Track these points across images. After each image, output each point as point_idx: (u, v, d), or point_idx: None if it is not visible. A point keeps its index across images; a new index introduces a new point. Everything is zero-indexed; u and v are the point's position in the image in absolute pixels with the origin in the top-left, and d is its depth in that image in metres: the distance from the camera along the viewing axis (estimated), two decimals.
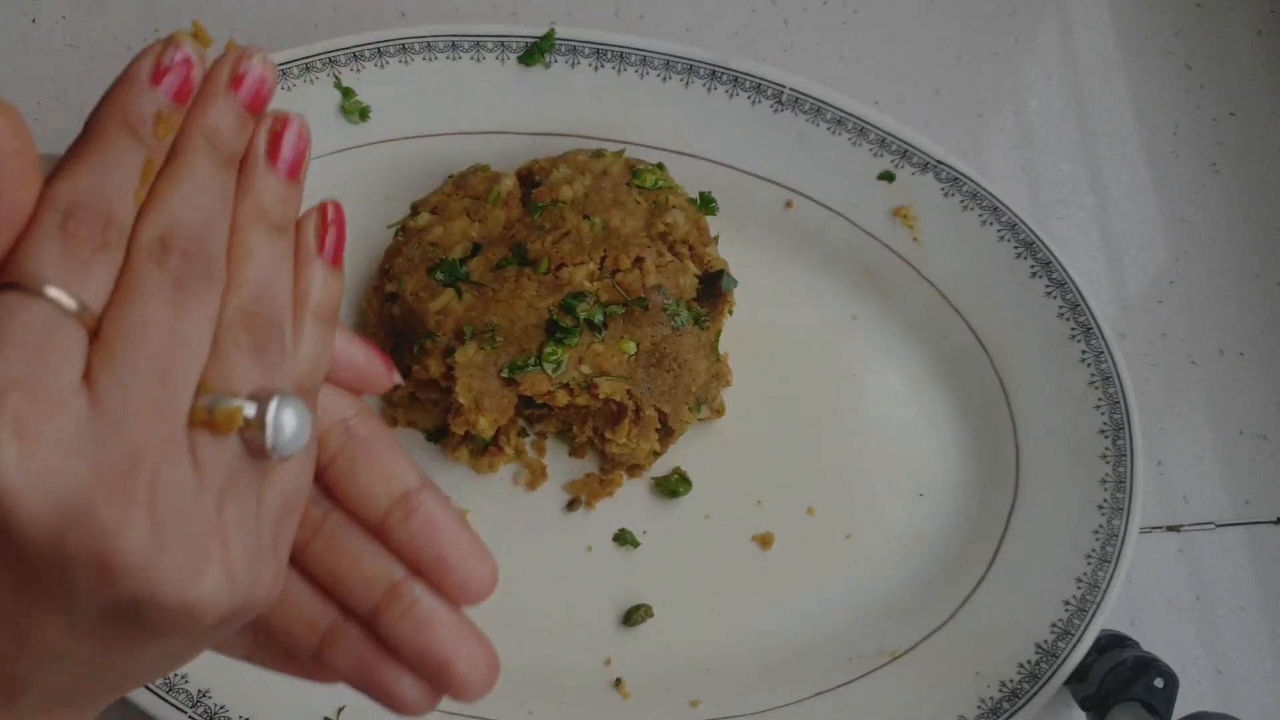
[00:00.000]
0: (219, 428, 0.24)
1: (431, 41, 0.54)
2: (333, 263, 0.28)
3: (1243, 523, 0.58)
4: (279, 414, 0.25)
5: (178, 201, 0.25)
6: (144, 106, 0.25)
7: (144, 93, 0.25)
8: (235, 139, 0.26)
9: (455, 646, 0.28)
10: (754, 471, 0.55)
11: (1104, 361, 0.54)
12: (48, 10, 0.59)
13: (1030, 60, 0.63)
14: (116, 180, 0.24)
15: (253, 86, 0.26)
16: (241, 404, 0.24)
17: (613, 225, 0.52)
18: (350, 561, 0.28)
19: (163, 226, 0.25)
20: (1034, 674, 0.51)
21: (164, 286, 0.24)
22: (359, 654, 0.28)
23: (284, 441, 0.25)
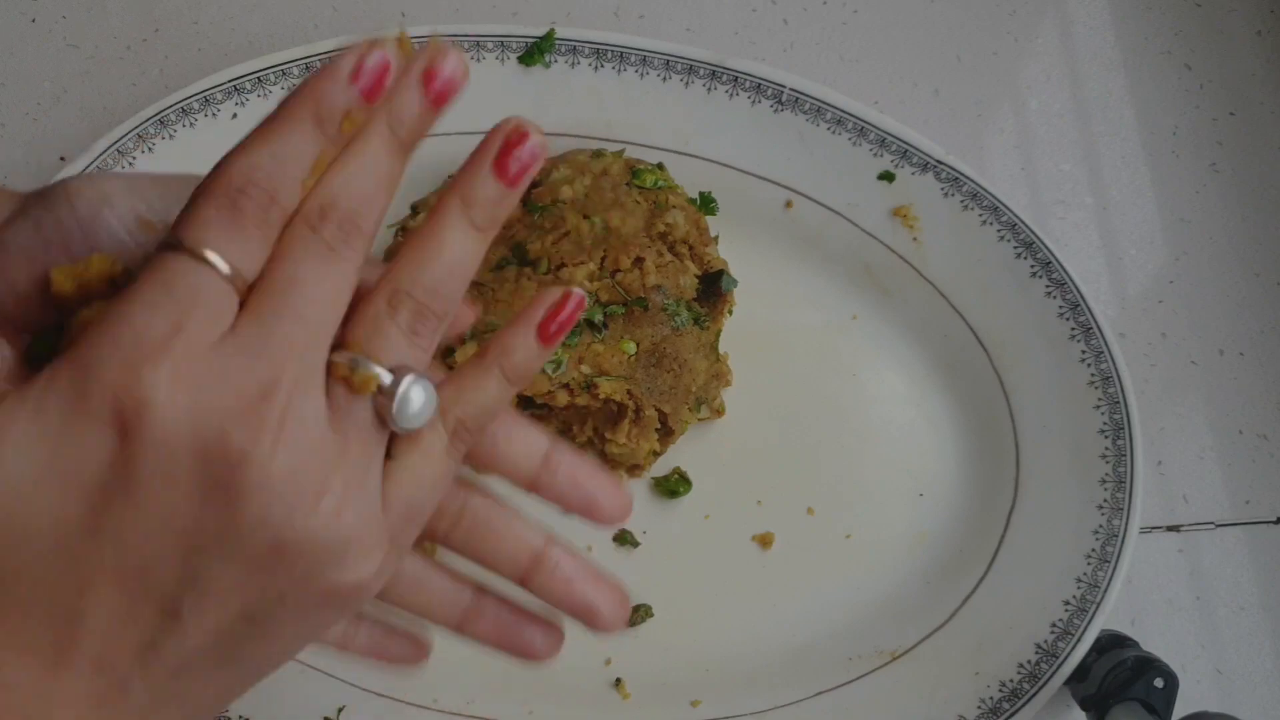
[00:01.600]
0: (355, 386, 0.27)
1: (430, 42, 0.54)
2: (544, 341, 0.30)
3: (1243, 522, 0.58)
4: (409, 388, 0.27)
5: (344, 177, 0.27)
6: (336, 100, 0.26)
7: (340, 86, 0.27)
8: (415, 128, 0.28)
9: (596, 594, 0.33)
10: (754, 471, 0.55)
11: (1104, 361, 0.54)
12: (47, 9, 0.59)
13: (1030, 60, 0.63)
14: (290, 166, 0.26)
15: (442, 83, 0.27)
16: (380, 371, 0.27)
17: (613, 225, 0.52)
18: (494, 542, 0.32)
19: (324, 199, 0.27)
20: (1034, 674, 0.51)
21: (314, 247, 0.26)
22: (497, 622, 0.33)
23: (408, 415, 0.27)
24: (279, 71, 0.53)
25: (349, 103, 0.27)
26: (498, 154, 0.28)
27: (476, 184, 0.28)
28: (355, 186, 0.27)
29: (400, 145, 0.28)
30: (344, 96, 0.27)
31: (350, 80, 0.27)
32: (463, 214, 0.28)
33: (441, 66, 0.28)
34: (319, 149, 0.27)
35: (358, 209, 0.27)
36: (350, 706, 0.50)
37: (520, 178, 0.28)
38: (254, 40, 0.59)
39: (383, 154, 0.27)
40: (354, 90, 0.27)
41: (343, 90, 0.27)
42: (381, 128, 0.27)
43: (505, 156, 0.28)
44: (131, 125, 0.51)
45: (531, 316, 0.30)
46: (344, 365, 0.27)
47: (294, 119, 0.27)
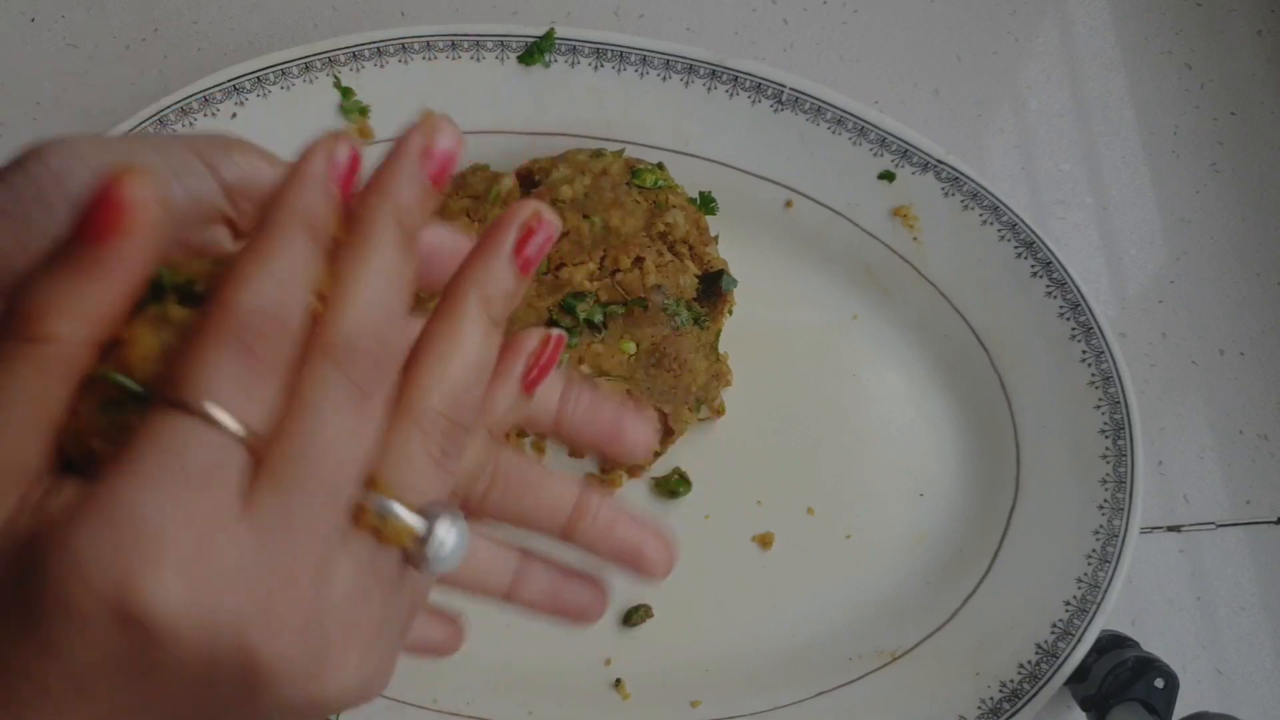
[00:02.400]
0: (386, 539, 0.24)
1: (431, 41, 0.54)
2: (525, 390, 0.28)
3: (1243, 523, 0.58)
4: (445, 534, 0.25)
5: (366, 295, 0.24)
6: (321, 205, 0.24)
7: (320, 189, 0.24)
8: (421, 215, 0.25)
9: (640, 537, 0.31)
10: (754, 471, 0.55)
11: (1104, 361, 0.54)
12: (47, 9, 0.59)
13: (1030, 60, 0.63)
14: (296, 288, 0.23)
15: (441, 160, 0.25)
16: (414, 522, 0.25)
17: (612, 225, 0.52)
18: (532, 496, 0.30)
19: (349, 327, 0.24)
20: (1034, 674, 0.51)
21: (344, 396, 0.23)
22: (548, 584, 0.32)
23: (443, 560, 0.25)
24: (278, 71, 0.53)
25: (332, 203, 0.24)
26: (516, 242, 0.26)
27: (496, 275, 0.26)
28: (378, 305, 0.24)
29: (409, 239, 0.25)
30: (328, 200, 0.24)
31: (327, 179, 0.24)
32: (481, 310, 0.26)
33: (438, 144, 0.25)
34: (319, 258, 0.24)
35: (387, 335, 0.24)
36: None
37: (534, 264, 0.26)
38: (254, 40, 0.59)
39: (397, 257, 0.25)
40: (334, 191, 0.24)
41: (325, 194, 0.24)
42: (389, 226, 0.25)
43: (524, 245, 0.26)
44: (131, 125, 0.51)
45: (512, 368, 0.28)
46: (373, 514, 0.24)
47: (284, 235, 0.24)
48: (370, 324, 0.24)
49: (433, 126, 0.25)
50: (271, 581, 0.22)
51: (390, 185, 0.25)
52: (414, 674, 0.51)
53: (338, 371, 0.23)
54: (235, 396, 0.22)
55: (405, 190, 0.25)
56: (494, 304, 0.26)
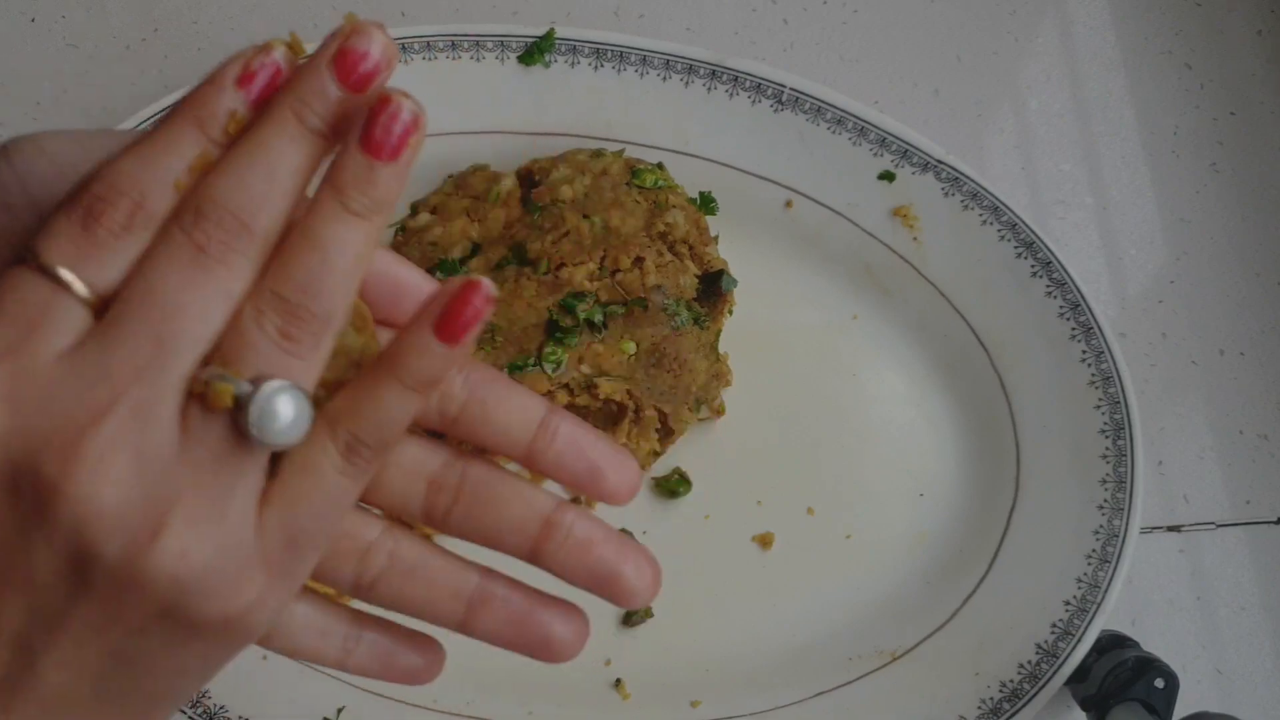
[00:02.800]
0: (210, 403, 0.24)
1: (431, 41, 0.54)
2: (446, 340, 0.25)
3: (1243, 523, 0.58)
4: (272, 399, 0.24)
5: (229, 173, 0.24)
6: (218, 103, 0.24)
7: (223, 92, 0.24)
8: (324, 115, 0.24)
9: (619, 558, 0.28)
10: (754, 471, 0.55)
11: (1104, 361, 0.54)
12: (47, 9, 0.59)
13: (1030, 60, 0.63)
14: (160, 168, 0.24)
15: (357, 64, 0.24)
16: (234, 383, 0.24)
17: (612, 225, 0.52)
18: (497, 512, 0.28)
19: (201, 195, 0.24)
20: (1034, 674, 0.51)
21: (182, 253, 0.24)
22: (509, 610, 0.29)
23: (273, 430, 0.24)
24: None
25: (233, 105, 0.24)
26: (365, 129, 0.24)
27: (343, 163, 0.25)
28: (243, 180, 0.24)
29: (308, 133, 0.24)
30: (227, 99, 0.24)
31: (236, 85, 0.24)
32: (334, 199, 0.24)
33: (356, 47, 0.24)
34: (196, 149, 0.24)
35: (245, 205, 0.24)
36: (349, 707, 0.50)
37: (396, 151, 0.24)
38: (253, 40, 0.58)
39: (281, 142, 0.24)
40: (240, 94, 0.24)
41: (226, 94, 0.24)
42: (282, 114, 0.24)
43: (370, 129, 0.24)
44: (131, 125, 0.51)
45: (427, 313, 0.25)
46: (199, 381, 0.24)
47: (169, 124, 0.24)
48: (227, 196, 0.24)
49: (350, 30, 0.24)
50: (78, 413, 0.23)
51: (293, 80, 0.24)
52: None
53: (180, 231, 0.24)
54: (71, 254, 0.23)
55: (305, 84, 0.24)
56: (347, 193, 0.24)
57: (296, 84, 0.24)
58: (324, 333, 0.25)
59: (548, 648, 0.29)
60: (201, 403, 0.24)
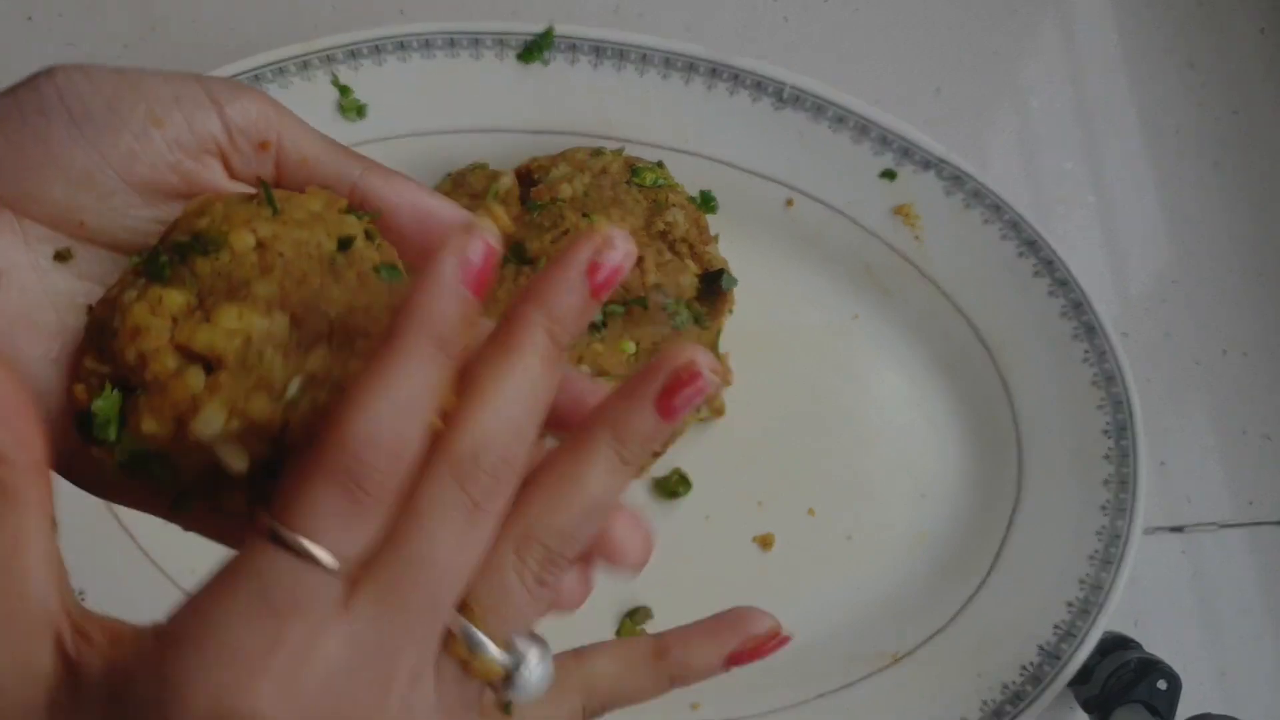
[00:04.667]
0: (473, 672, 0.24)
1: (430, 39, 0.54)
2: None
3: (1246, 523, 0.58)
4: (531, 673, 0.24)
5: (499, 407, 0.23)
6: (452, 311, 0.23)
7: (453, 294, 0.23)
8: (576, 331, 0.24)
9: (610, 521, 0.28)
10: (754, 472, 0.55)
11: (1107, 361, 0.53)
12: (44, 8, 0.58)
13: (1032, 59, 0.63)
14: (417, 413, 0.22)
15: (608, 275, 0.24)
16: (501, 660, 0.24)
17: (612, 223, 0.51)
18: None
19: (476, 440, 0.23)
20: (1037, 676, 0.51)
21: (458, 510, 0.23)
22: None
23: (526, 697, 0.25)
24: (276, 69, 0.53)
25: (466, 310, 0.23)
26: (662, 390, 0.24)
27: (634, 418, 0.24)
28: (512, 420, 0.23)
29: (558, 353, 0.24)
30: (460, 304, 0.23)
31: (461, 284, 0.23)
32: (612, 448, 0.24)
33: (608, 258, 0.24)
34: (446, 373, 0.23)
35: (513, 452, 0.23)
36: None
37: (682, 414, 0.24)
38: (252, 38, 0.59)
39: (539, 370, 0.23)
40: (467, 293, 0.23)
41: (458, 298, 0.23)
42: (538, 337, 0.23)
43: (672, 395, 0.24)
44: None
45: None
46: (462, 646, 0.24)
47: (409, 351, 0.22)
48: (498, 439, 0.23)
49: (604, 239, 0.24)
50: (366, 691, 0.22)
51: (548, 294, 0.24)
52: None
53: (457, 487, 0.23)
54: (334, 532, 0.22)
55: (563, 300, 0.24)
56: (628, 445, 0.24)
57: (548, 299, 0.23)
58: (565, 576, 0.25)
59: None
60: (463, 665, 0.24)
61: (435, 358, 0.23)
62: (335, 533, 0.22)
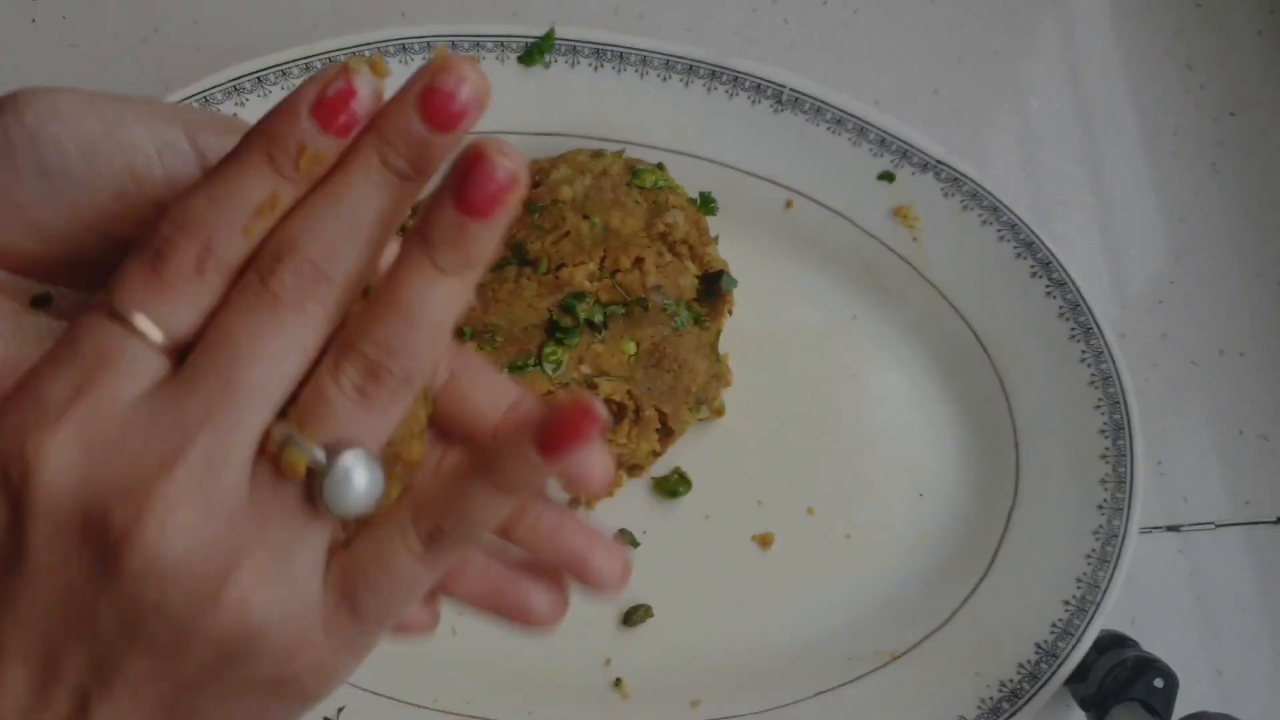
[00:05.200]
0: (282, 470, 0.23)
1: (431, 41, 0.54)
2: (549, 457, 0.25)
3: (1243, 523, 0.58)
4: (346, 473, 0.23)
5: (308, 217, 0.23)
6: (289, 135, 0.23)
7: (294, 121, 0.23)
8: (417, 155, 0.24)
9: (588, 544, 0.28)
10: (754, 471, 0.55)
11: (1104, 361, 0.54)
12: (47, 9, 0.59)
13: (1030, 60, 0.63)
14: (228, 209, 0.23)
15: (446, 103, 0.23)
16: (308, 450, 0.23)
17: (612, 225, 0.52)
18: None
19: (280, 241, 0.23)
20: (1034, 674, 0.51)
21: (257, 301, 0.23)
22: (487, 577, 0.29)
23: (345, 501, 0.24)
24: (279, 71, 0.53)
25: (303, 137, 0.23)
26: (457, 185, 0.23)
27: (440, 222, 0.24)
28: (324, 226, 0.23)
29: (393, 177, 0.24)
30: (299, 130, 0.23)
31: (310, 112, 0.23)
32: (424, 255, 0.24)
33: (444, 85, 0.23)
34: (270, 190, 0.23)
35: (323, 252, 0.23)
36: (349, 707, 0.50)
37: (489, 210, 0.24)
38: (253, 40, 0.59)
39: (365, 187, 0.23)
40: (312, 122, 0.23)
41: (298, 124, 0.23)
42: (366, 156, 0.24)
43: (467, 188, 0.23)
44: None
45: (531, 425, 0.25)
46: (274, 441, 0.23)
47: (240, 158, 0.23)
48: (307, 243, 0.23)
49: (441, 64, 0.23)
50: (149, 460, 0.22)
51: (381, 118, 0.24)
52: (415, 674, 0.51)
53: (258, 279, 0.23)
54: (143, 300, 0.23)
55: (390, 123, 0.23)
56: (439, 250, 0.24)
57: (381, 123, 0.24)
58: (402, 393, 0.24)
59: (525, 615, 0.29)
60: (274, 464, 0.23)
61: (259, 168, 0.23)
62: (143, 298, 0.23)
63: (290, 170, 0.23)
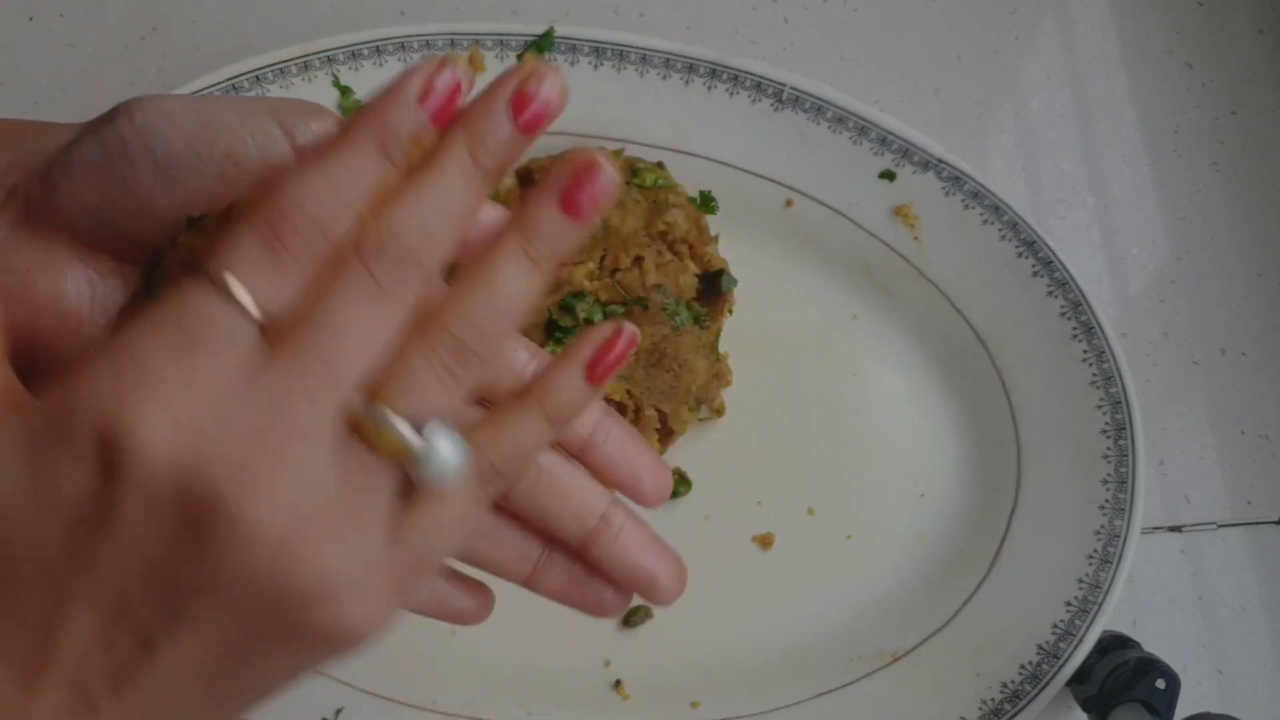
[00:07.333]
0: (375, 447, 0.25)
1: (430, 40, 0.54)
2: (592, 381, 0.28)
3: (1245, 523, 0.58)
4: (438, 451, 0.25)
5: (410, 206, 0.25)
6: (402, 123, 0.25)
7: (406, 109, 0.25)
8: (501, 155, 0.26)
9: (657, 564, 0.32)
10: (754, 471, 0.55)
11: (1105, 361, 0.54)
12: (45, 8, 0.59)
13: (1031, 59, 0.63)
14: (345, 193, 0.24)
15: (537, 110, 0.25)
16: (405, 432, 0.25)
17: (612, 224, 0.52)
18: (561, 499, 0.30)
19: (384, 230, 0.25)
20: (1035, 675, 0.51)
21: (362, 285, 0.24)
22: (568, 577, 0.31)
23: (437, 478, 0.25)
24: (277, 70, 0.53)
25: (416, 127, 0.25)
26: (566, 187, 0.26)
27: (541, 218, 0.26)
28: (422, 217, 0.25)
29: (481, 174, 0.26)
30: (411, 119, 0.25)
31: (418, 102, 0.25)
32: (520, 246, 0.26)
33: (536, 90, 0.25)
34: (381, 176, 0.25)
35: (420, 244, 0.25)
36: (348, 708, 0.50)
37: (590, 213, 0.26)
38: (252, 39, 0.59)
39: (458, 182, 0.25)
40: (422, 113, 0.25)
41: (410, 113, 0.25)
42: (460, 152, 0.25)
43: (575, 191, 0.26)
44: None
45: (578, 354, 0.27)
46: (365, 421, 0.25)
47: (354, 144, 0.25)
48: (406, 232, 0.25)
49: (534, 73, 0.25)
50: (248, 433, 0.23)
51: (472, 119, 0.25)
52: (414, 675, 0.51)
53: (362, 266, 0.24)
54: (251, 273, 0.24)
55: (484, 123, 0.25)
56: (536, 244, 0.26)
57: (473, 122, 0.25)
58: (480, 372, 0.26)
59: (600, 607, 0.32)
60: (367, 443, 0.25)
61: (373, 156, 0.25)
62: (253, 278, 0.24)
63: (401, 159, 0.25)
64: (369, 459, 0.25)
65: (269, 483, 0.23)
